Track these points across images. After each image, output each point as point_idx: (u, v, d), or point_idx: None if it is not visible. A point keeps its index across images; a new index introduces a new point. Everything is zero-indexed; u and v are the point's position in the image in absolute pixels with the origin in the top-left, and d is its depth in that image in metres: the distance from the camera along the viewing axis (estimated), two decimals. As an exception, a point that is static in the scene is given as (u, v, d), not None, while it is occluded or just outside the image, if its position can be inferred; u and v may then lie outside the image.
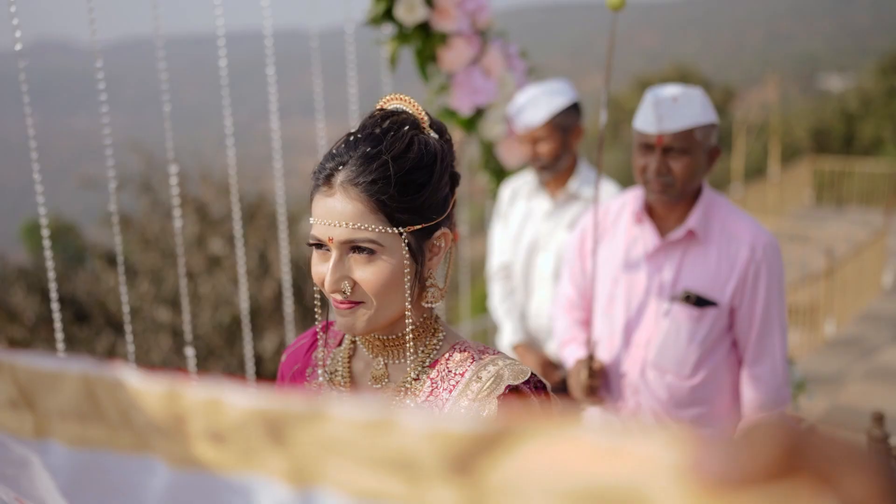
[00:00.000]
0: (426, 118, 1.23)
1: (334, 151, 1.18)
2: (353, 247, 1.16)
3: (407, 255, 1.16)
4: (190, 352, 2.44)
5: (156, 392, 0.54)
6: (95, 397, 0.58)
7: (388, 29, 3.01)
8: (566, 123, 2.87)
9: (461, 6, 2.96)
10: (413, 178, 1.16)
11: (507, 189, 3.17)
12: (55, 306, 2.07)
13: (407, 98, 1.25)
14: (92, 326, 11.21)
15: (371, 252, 1.15)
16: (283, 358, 1.43)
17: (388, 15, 2.90)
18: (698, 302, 2.12)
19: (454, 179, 1.26)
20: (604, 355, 2.28)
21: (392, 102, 1.26)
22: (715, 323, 2.13)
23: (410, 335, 1.21)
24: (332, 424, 0.46)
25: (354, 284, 1.17)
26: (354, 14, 2.78)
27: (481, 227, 3.99)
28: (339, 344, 1.36)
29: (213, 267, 11.25)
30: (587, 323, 2.42)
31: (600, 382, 2.23)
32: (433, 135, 1.23)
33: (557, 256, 2.96)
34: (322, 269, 1.19)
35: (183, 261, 2.48)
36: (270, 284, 11.02)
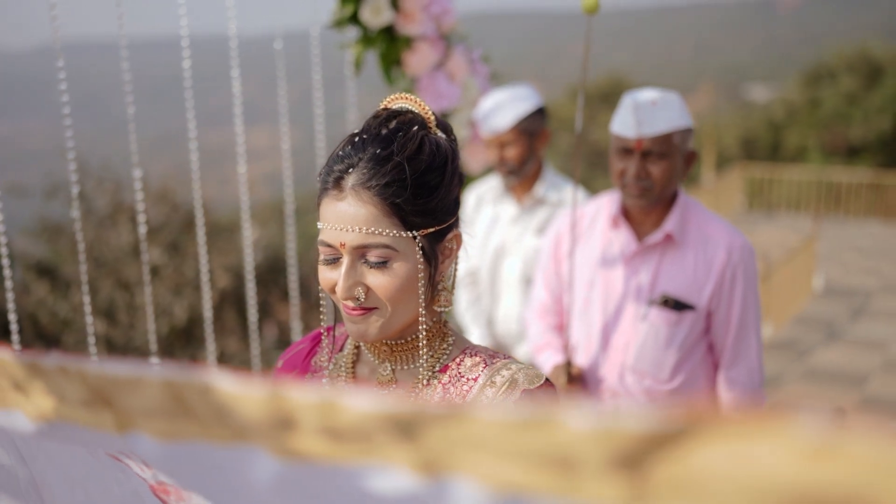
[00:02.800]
0: (433, 118, 1.19)
1: (341, 153, 1.13)
2: (366, 252, 1.12)
3: (421, 259, 1.13)
4: (154, 361, 2.35)
5: (255, 395, 0.51)
6: (183, 399, 0.55)
7: (352, 32, 2.97)
8: (532, 128, 2.87)
9: (426, 10, 2.93)
10: (426, 179, 1.12)
11: (472, 195, 3.15)
12: (13, 317, 1.96)
13: (412, 97, 1.21)
14: (21, 340, 10.75)
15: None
16: (279, 364, 1.37)
17: (353, 18, 2.86)
18: (676, 306, 2.13)
19: (460, 179, 1.23)
20: (581, 360, 2.28)
21: (396, 102, 1.21)
22: (693, 326, 2.14)
23: (424, 337, 1.17)
24: (474, 424, 0.43)
25: (368, 290, 1.12)
26: (321, 17, 2.74)
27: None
28: (341, 349, 1.31)
29: (151, 277, 10.94)
30: (561, 328, 2.41)
31: (579, 388, 2.22)
32: (440, 134, 1.19)
33: (524, 261, 2.95)
34: (332, 275, 1.14)
35: (147, 268, 2.39)
36: (211, 294, 10.76)
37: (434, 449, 0.45)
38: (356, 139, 1.14)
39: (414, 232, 1.12)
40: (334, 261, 1.14)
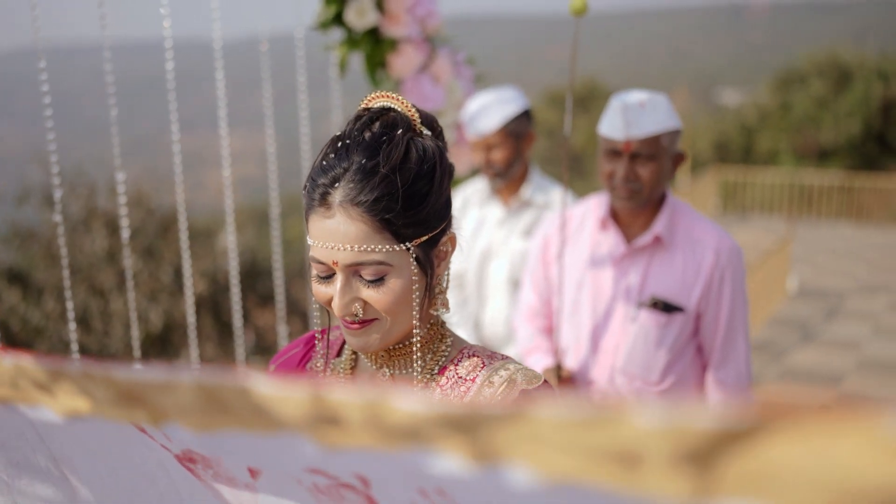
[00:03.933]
0: (416, 115, 1.14)
1: (325, 163, 1.08)
2: (360, 269, 1.09)
3: (415, 270, 1.10)
4: (138, 367, 2.30)
5: (296, 396, 0.50)
6: (219, 400, 0.53)
7: (336, 34, 2.95)
8: (519, 130, 2.87)
9: (411, 12, 2.92)
10: (416, 189, 1.08)
11: (458, 197, 3.14)
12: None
13: (394, 95, 1.15)
14: (-6, 348, 10.56)
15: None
16: (271, 368, 1.34)
17: (337, 19, 2.84)
18: (665, 307, 2.14)
19: (450, 176, 1.18)
20: (571, 362, 2.27)
21: (377, 101, 1.16)
22: (682, 328, 2.15)
23: (418, 349, 1.15)
24: (534, 423, 0.42)
25: (365, 304, 1.10)
26: (304, 18, 2.71)
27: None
28: (338, 354, 1.29)
29: (126, 283, 10.81)
30: (550, 331, 2.41)
31: (569, 391, 2.22)
32: (426, 132, 1.15)
33: (511, 263, 2.94)
34: (327, 290, 1.11)
35: (130, 273, 2.36)
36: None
37: (490, 442, 0.44)
38: (339, 145, 1.09)
39: (407, 244, 1.09)
40: (328, 277, 1.11)
